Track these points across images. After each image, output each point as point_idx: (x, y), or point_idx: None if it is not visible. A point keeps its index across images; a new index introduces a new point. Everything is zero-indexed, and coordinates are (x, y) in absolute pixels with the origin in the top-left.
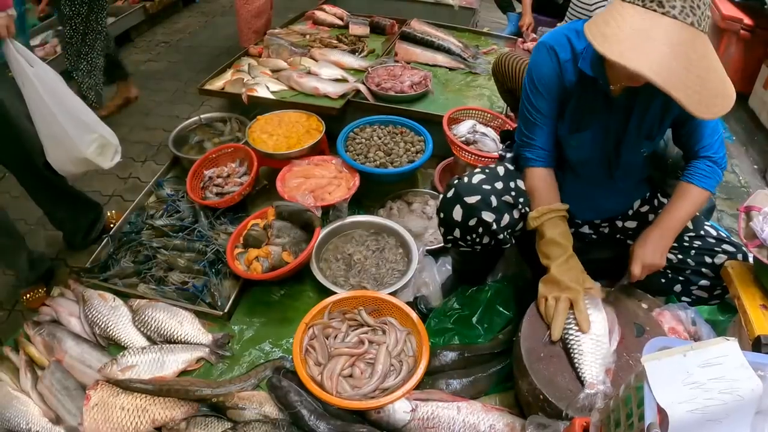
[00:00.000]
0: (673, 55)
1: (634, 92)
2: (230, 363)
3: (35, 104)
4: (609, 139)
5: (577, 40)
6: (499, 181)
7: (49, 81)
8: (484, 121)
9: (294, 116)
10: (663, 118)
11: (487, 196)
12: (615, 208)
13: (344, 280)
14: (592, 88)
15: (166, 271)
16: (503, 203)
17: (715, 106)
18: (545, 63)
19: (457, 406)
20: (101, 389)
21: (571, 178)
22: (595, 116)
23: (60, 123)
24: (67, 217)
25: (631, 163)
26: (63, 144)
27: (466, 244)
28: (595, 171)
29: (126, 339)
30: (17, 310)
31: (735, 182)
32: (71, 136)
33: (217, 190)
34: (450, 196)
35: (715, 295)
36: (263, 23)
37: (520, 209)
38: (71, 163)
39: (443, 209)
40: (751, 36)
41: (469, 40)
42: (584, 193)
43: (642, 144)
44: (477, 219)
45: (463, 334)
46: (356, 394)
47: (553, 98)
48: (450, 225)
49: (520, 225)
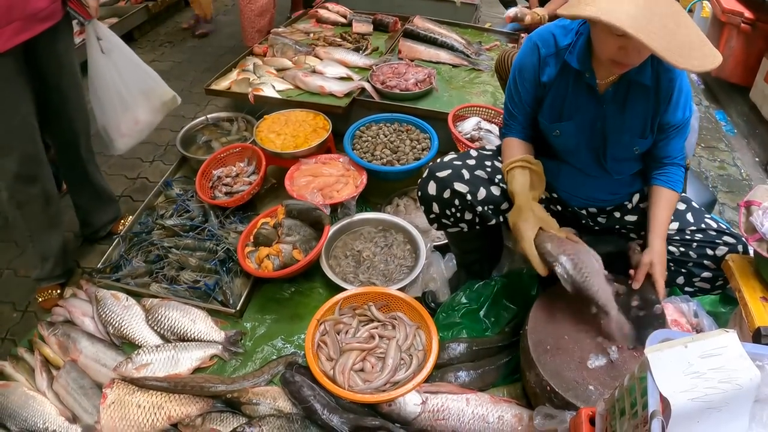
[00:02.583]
0: (645, 7)
1: (623, 88)
2: (243, 359)
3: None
4: (596, 132)
5: (562, 36)
6: (470, 159)
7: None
8: (488, 118)
9: (301, 115)
10: (653, 120)
11: (458, 169)
12: (610, 199)
13: (354, 276)
14: (575, 81)
15: (178, 270)
16: (477, 177)
17: (693, 58)
18: (527, 57)
19: (466, 398)
20: (117, 387)
21: (568, 168)
22: (579, 109)
23: (150, 76)
24: (92, 208)
25: (624, 158)
26: (155, 92)
27: (450, 221)
28: (586, 162)
29: (140, 338)
30: (30, 311)
31: (737, 175)
32: (158, 81)
33: (226, 189)
34: (425, 175)
35: (717, 286)
36: (266, 22)
37: (499, 184)
38: (161, 107)
39: (420, 188)
40: (751, 29)
41: (471, 36)
42: (579, 182)
43: (635, 142)
44: (450, 190)
45: (471, 328)
46: (368, 388)
47: (527, 89)
48: (427, 201)
49: (504, 204)
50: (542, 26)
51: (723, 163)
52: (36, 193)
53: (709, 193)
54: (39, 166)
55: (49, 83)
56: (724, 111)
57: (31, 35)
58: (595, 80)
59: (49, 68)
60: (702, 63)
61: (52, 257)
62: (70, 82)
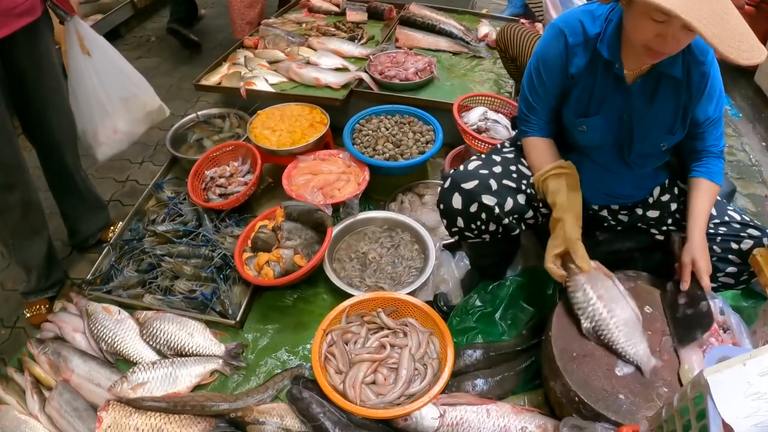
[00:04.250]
0: None
1: (652, 81)
2: (246, 374)
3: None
4: (623, 127)
5: (590, 23)
6: (497, 166)
7: (110, 50)
8: (494, 108)
9: (296, 109)
10: (684, 115)
11: (486, 180)
12: (632, 194)
13: (360, 280)
14: (603, 72)
15: (172, 280)
16: (504, 187)
17: (743, 50)
18: (552, 45)
19: (486, 409)
20: (113, 410)
21: (588, 163)
22: (606, 102)
23: (134, 82)
24: (79, 215)
25: (649, 154)
26: (138, 100)
27: (473, 234)
28: (609, 157)
29: (134, 354)
30: (18, 327)
31: (746, 161)
32: (144, 89)
33: (221, 191)
34: (447, 185)
35: (741, 281)
36: (257, 13)
37: (526, 191)
38: (145, 117)
39: (442, 200)
40: (756, 11)
41: (469, 23)
42: (600, 178)
43: (663, 138)
44: (478, 204)
45: (487, 332)
46: (381, 402)
47: (554, 80)
48: (451, 214)
49: (529, 212)
50: (566, 12)
51: (731, 148)
52: (14, 202)
53: (728, 182)
54: (17, 172)
55: (28, 86)
56: (728, 95)
57: (6, 33)
58: (623, 71)
59: (28, 70)
60: (751, 55)
61: (35, 268)
62: (51, 85)
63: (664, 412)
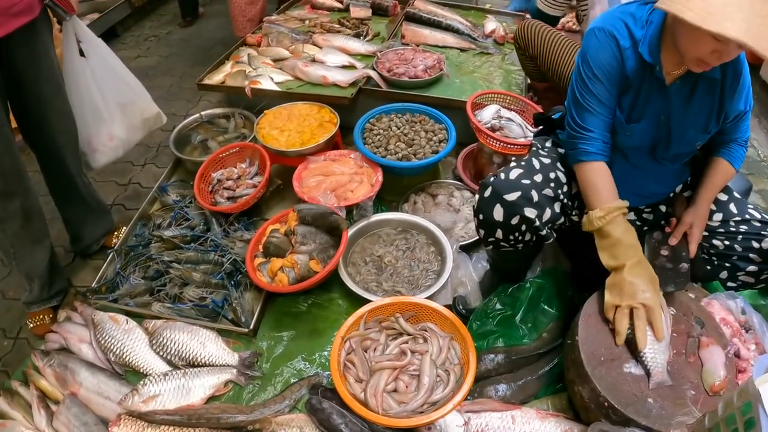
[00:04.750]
0: (751, 10)
1: (690, 82)
2: (261, 384)
3: (99, 80)
4: (661, 128)
5: (634, 26)
6: (537, 174)
7: (108, 53)
8: (507, 105)
9: (304, 108)
10: (719, 113)
11: (528, 191)
12: (660, 191)
13: (376, 285)
14: (649, 76)
15: (181, 287)
16: (544, 197)
17: None
18: (605, 49)
19: (511, 415)
20: (124, 424)
21: (620, 162)
22: (649, 105)
23: (132, 88)
24: (82, 220)
25: (683, 153)
26: (135, 106)
27: (509, 244)
28: (642, 156)
29: (144, 365)
30: (21, 337)
31: (755, 157)
32: (141, 95)
33: (229, 194)
34: (488, 195)
35: (762, 279)
36: (258, 10)
37: (562, 200)
38: (141, 124)
39: (482, 210)
40: None
41: (474, 18)
42: (630, 176)
43: (698, 137)
44: (519, 216)
45: (508, 336)
46: (403, 411)
47: (614, 86)
48: (491, 226)
49: (561, 219)
50: (605, 13)
51: None
52: (14, 210)
53: (745, 179)
54: (17, 179)
55: (27, 88)
56: None
57: (3, 33)
58: (663, 73)
59: (26, 72)
60: None
61: (38, 277)
62: (50, 87)
63: (707, 421)
